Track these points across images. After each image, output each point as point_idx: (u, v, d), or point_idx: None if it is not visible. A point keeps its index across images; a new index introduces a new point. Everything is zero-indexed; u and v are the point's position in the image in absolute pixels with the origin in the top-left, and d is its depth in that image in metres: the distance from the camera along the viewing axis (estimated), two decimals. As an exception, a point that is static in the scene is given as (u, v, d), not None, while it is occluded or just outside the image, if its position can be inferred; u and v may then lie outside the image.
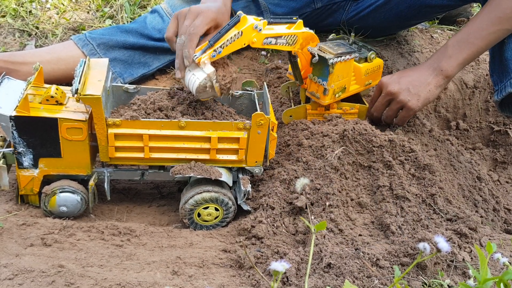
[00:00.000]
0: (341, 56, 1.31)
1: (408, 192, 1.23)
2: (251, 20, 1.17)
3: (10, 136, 1.11)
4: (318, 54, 1.29)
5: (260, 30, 1.17)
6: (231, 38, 1.14)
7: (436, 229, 1.16)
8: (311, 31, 1.31)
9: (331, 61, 1.28)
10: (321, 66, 1.31)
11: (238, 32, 1.14)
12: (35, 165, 1.14)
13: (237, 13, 1.16)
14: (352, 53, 1.34)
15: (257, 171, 1.25)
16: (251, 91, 1.32)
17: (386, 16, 1.75)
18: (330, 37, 1.49)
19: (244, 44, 1.17)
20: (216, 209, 1.21)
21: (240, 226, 1.20)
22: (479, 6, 2.25)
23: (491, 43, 1.35)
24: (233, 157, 1.21)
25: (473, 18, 1.37)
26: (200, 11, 1.18)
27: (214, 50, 1.13)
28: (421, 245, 0.62)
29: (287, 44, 1.26)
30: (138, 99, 1.22)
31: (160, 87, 1.40)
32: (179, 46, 1.15)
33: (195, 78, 1.13)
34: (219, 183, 1.21)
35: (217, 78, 1.14)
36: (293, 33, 1.26)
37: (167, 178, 1.24)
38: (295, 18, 1.28)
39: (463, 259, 1.04)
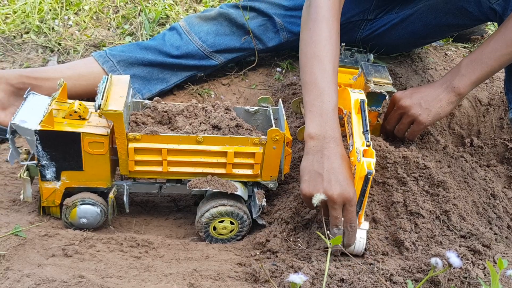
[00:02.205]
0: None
1: (422, 208, 1.24)
2: (365, 159, 1.10)
3: (34, 149, 1.14)
4: (386, 91, 1.32)
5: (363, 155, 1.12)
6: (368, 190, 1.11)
7: (449, 246, 1.16)
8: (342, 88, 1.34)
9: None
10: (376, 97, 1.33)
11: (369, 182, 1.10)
12: (57, 177, 1.17)
13: (367, 174, 1.08)
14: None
15: (272, 186, 1.27)
16: (267, 107, 1.35)
17: (401, 34, 1.78)
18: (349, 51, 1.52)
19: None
20: (232, 223, 1.24)
21: (255, 240, 1.22)
22: (493, 24, 2.27)
23: (505, 64, 1.37)
24: (249, 171, 1.23)
25: (489, 39, 1.38)
26: (344, 199, 1.08)
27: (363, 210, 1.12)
28: (433, 260, 0.64)
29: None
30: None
31: (178, 102, 1.43)
32: (335, 234, 1.09)
33: (359, 238, 1.12)
34: (234, 197, 1.23)
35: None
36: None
37: (184, 192, 1.27)
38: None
39: (477, 276, 1.05)
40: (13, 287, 0.95)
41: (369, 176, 1.07)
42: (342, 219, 1.09)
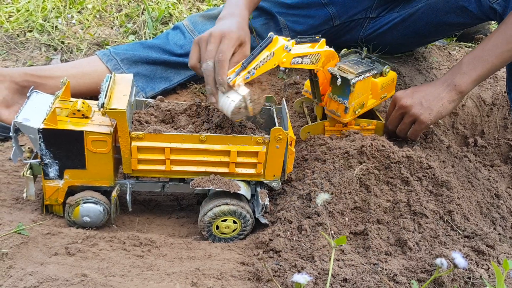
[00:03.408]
0: (361, 75, 1.33)
1: (425, 208, 1.24)
2: (282, 41, 1.18)
3: (38, 148, 1.14)
4: (340, 75, 1.31)
5: (290, 50, 1.18)
6: (263, 59, 1.14)
7: (453, 246, 1.16)
8: (332, 49, 1.34)
9: (352, 81, 1.31)
10: (342, 85, 1.33)
11: (270, 53, 1.15)
12: (60, 176, 1.17)
13: (269, 34, 1.15)
14: (370, 70, 1.37)
15: (275, 185, 1.27)
16: (270, 106, 1.35)
17: (403, 33, 1.77)
18: (342, 52, 1.51)
19: (275, 65, 1.17)
20: (234, 222, 1.23)
21: (258, 239, 1.22)
22: (497, 24, 2.26)
23: (506, 61, 1.36)
24: (252, 170, 1.23)
25: (489, 36, 1.38)
26: (223, 34, 1.18)
27: (248, 72, 1.13)
28: (438, 261, 0.63)
29: (311, 63, 1.28)
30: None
31: (181, 101, 1.44)
32: (208, 72, 1.15)
33: (230, 100, 1.13)
34: (237, 196, 1.23)
35: (251, 98, 1.15)
36: (317, 52, 1.28)
37: (187, 191, 1.27)
38: (318, 37, 1.30)
39: (481, 276, 1.04)
40: (16, 286, 0.95)
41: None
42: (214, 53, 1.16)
